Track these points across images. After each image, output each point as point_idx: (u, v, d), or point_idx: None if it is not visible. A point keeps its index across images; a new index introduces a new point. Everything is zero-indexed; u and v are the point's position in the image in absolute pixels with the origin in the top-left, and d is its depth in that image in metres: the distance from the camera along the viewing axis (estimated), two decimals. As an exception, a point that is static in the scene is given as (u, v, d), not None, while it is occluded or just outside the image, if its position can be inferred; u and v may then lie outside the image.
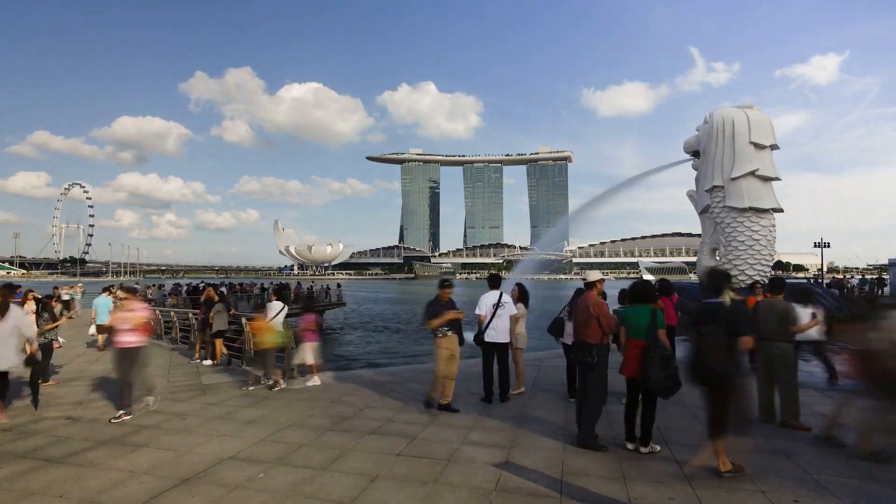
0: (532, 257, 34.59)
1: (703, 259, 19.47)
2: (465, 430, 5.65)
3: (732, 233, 17.86)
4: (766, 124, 17.94)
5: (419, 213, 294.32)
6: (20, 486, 4.21)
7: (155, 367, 10.08)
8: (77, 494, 4.05)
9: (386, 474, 4.40)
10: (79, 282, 50.06)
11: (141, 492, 4.08)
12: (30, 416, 6.42)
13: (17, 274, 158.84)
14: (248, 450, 5.07)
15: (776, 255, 18.12)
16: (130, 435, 5.59)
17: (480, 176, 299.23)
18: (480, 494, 3.99)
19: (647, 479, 4.23)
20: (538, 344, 18.67)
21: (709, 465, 4.26)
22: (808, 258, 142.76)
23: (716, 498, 3.87)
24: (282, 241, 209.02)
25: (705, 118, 19.14)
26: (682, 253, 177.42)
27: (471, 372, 8.12)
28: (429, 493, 4.01)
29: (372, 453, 4.94)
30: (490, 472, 4.42)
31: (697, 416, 6.13)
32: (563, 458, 4.76)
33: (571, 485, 4.13)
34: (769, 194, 17.74)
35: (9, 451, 5.07)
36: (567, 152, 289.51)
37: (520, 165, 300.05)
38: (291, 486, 4.15)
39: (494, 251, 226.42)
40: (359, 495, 3.97)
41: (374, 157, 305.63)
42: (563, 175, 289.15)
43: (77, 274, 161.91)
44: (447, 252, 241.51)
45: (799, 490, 3.98)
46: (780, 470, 4.40)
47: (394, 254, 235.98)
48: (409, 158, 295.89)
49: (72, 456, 4.94)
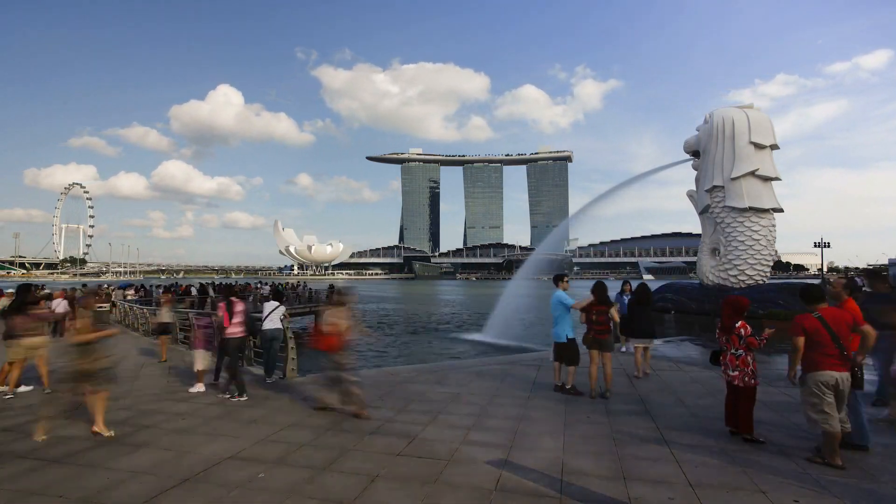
0: (535, 258, 34.48)
1: (703, 259, 19.46)
2: (465, 430, 5.65)
3: (732, 233, 17.85)
4: (765, 124, 17.93)
5: (419, 213, 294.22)
6: (20, 486, 4.21)
7: (155, 366, 10.10)
8: (77, 494, 4.04)
9: (386, 474, 4.40)
10: (82, 282, 50.12)
11: (141, 492, 4.08)
12: (30, 416, 6.42)
13: (17, 274, 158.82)
14: (248, 450, 5.07)
15: (776, 254, 18.10)
16: (130, 435, 5.59)
17: (480, 176, 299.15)
18: (480, 494, 3.99)
19: (647, 479, 4.23)
20: (538, 344, 18.64)
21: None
22: (808, 258, 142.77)
23: (716, 498, 3.87)
24: (282, 242, 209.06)
25: (705, 118, 19.13)
26: (682, 253, 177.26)
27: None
28: (429, 493, 4.01)
29: (372, 453, 4.94)
30: (490, 472, 4.42)
31: (697, 416, 6.14)
32: (563, 458, 4.76)
33: (571, 485, 4.13)
34: (769, 194, 17.73)
35: (9, 451, 5.07)
36: (567, 152, 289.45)
37: (520, 165, 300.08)
38: (291, 486, 4.15)
39: (494, 251, 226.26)
40: (359, 495, 3.97)
41: (374, 157, 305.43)
42: (564, 175, 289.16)
43: (77, 274, 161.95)
44: (447, 252, 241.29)
45: (799, 490, 3.98)
46: (780, 470, 4.40)
47: (394, 254, 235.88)
48: (409, 158, 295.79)
49: (72, 456, 4.94)
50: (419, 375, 8.91)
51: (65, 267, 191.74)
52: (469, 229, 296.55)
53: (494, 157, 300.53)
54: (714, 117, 18.42)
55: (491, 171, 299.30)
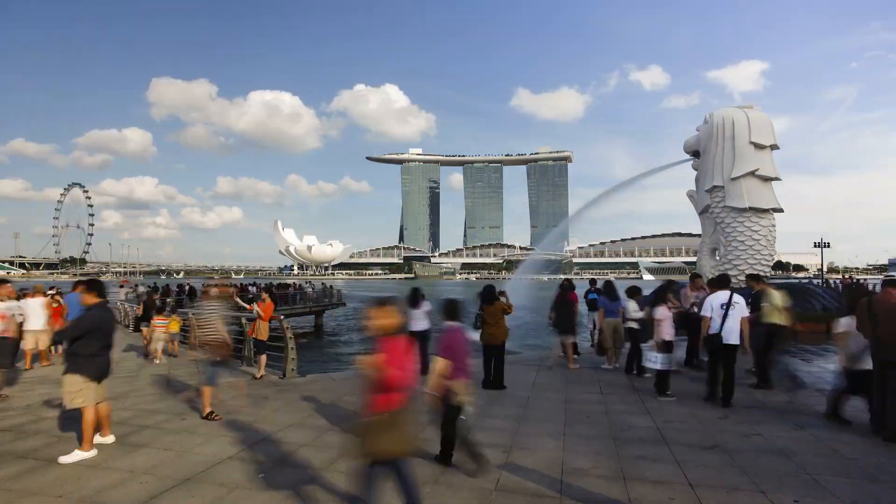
0: (534, 258, 34.55)
1: (703, 259, 19.46)
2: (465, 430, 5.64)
3: (732, 233, 17.86)
4: (766, 124, 17.95)
5: (419, 213, 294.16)
6: (20, 486, 4.21)
7: (155, 367, 10.09)
8: (77, 494, 4.04)
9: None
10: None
11: (141, 492, 4.08)
12: (30, 416, 6.42)
13: (16, 274, 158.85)
14: (248, 450, 5.07)
15: (776, 255, 18.10)
16: (130, 435, 5.59)
17: (480, 176, 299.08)
18: (480, 494, 3.99)
19: (647, 480, 4.23)
20: (540, 344, 18.62)
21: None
22: (807, 258, 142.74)
23: (716, 498, 3.87)
24: (282, 242, 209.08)
25: (705, 118, 19.13)
26: (682, 253, 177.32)
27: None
28: (429, 493, 4.01)
29: (372, 453, 4.93)
30: (490, 472, 4.42)
31: (697, 416, 6.13)
32: (563, 458, 4.76)
33: (571, 485, 4.13)
34: (769, 194, 17.73)
35: (9, 451, 5.07)
36: (567, 152, 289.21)
37: (520, 165, 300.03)
38: (291, 486, 4.14)
39: (494, 251, 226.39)
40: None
41: (374, 158, 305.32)
42: (564, 175, 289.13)
43: (77, 274, 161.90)
44: (447, 252, 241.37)
45: (799, 490, 3.98)
46: (780, 470, 4.40)
47: (394, 254, 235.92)
48: (409, 158, 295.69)
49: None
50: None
51: (65, 267, 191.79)
52: (469, 229, 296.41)
53: (494, 158, 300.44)
54: (714, 117, 18.43)
55: (491, 171, 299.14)
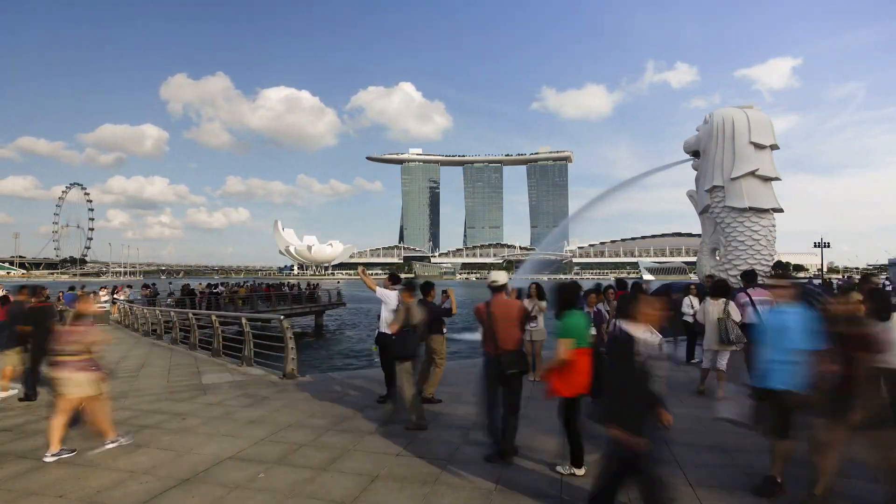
0: (534, 258, 34.50)
1: (703, 259, 19.45)
2: (465, 431, 5.64)
3: (732, 233, 17.86)
4: (765, 124, 17.95)
5: (419, 213, 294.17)
6: (20, 486, 4.21)
7: (155, 366, 10.10)
8: (77, 494, 4.04)
9: (386, 474, 4.40)
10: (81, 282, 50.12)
11: (141, 492, 4.08)
12: (30, 416, 6.42)
13: (16, 274, 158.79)
14: (248, 450, 5.06)
15: (776, 255, 18.09)
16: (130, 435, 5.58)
17: (480, 176, 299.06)
18: (480, 494, 3.99)
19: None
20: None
21: None
22: (807, 258, 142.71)
23: (716, 498, 3.87)
24: (282, 242, 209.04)
25: (705, 118, 19.14)
26: (682, 253, 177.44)
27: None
28: (429, 493, 4.01)
29: (372, 453, 4.94)
30: (490, 472, 4.42)
31: (697, 416, 6.13)
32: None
33: (571, 485, 4.13)
34: (769, 194, 17.73)
35: (9, 451, 5.07)
36: (567, 152, 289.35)
37: (520, 165, 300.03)
38: (291, 486, 4.14)
39: (494, 251, 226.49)
40: (359, 495, 3.97)
41: (374, 158, 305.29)
42: (563, 175, 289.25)
43: (77, 274, 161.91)
44: (447, 252, 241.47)
45: (799, 490, 3.97)
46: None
47: (394, 254, 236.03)
48: (409, 158, 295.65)
49: (72, 456, 4.94)
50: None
51: (65, 267, 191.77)
52: (469, 229, 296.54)
53: (494, 158, 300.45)
54: (714, 117, 18.44)
55: (491, 171, 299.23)
